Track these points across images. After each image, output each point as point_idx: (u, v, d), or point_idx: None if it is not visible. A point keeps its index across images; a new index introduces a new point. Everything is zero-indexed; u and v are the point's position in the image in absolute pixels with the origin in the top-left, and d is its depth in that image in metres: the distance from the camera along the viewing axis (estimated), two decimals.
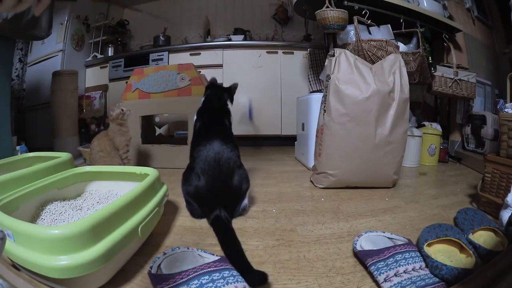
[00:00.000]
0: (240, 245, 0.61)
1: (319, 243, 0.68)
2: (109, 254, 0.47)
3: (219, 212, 0.75)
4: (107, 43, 2.80)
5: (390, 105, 1.07)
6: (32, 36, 1.30)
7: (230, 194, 0.80)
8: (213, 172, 0.78)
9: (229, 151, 0.80)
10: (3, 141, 1.26)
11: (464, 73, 1.68)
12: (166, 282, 0.47)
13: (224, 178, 0.78)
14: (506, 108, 0.91)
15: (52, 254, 0.44)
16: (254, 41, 2.68)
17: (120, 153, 1.20)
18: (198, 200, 0.80)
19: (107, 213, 0.50)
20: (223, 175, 0.78)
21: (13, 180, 0.74)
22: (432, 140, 1.68)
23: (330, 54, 1.13)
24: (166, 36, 2.81)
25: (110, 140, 1.18)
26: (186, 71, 1.58)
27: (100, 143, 1.16)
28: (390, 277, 0.50)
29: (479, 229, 0.66)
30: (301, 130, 1.65)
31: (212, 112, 0.94)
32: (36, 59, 2.43)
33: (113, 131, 1.21)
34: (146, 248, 0.65)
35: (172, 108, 1.60)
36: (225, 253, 0.59)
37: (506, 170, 0.83)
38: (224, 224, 0.72)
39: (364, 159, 1.08)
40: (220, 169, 0.78)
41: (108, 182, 0.86)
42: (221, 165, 0.78)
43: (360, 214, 0.87)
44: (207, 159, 0.78)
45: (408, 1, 1.63)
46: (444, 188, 1.19)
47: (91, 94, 2.63)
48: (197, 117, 0.94)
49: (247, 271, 0.52)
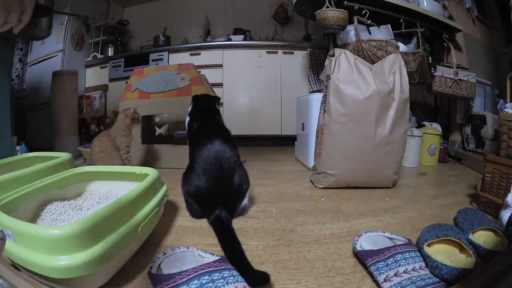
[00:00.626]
0: (240, 245, 0.61)
1: (319, 243, 0.68)
2: (109, 254, 0.47)
3: (219, 212, 0.74)
4: (107, 43, 2.80)
5: (390, 105, 1.07)
6: (32, 36, 1.30)
7: (231, 194, 0.80)
8: (214, 171, 0.77)
9: (229, 150, 0.80)
10: (3, 141, 1.26)
11: (464, 73, 1.68)
12: (166, 282, 0.47)
13: (224, 178, 0.78)
14: (506, 108, 0.91)
15: (52, 254, 0.44)
16: (254, 41, 2.69)
17: (121, 153, 1.20)
18: (198, 200, 0.80)
19: (107, 213, 0.50)
20: (224, 174, 0.78)
21: (13, 180, 0.74)
22: (432, 140, 1.68)
23: (330, 54, 1.13)
24: (166, 36, 2.81)
25: (111, 140, 1.18)
26: (186, 71, 1.58)
27: (101, 143, 1.16)
28: (390, 277, 0.50)
29: (479, 229, 0.66)
30: (301, 130, 1.65)
31: (205, 111, 0.96)
32: (36, 59, 2.44)
33: (117, 130, 1.20)
34: (146, 248, 0.65)
35: (172, 108, 1.60)
36: (225, 253, 0.59)
37: (506, 170, 0.83)
38: (225, 224, 0.72)
39: (364, 159, 1.08)
40: (221, 168, 0.78)
41: (108, 182, 0.86)
42: (222, 164, 0.78)
43: (360, 214, 0.87)
44: (208, 158, 0.78)
45: (408, 1, 1.63)
46: (444, 188, 1.19)
47: (91, 94, 2.63)
48: (191, 118, 0.95)
49: (248, 271, 0.51)
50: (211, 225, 0.75)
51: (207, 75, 2.02)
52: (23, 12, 0.58)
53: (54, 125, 2.05)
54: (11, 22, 0.56)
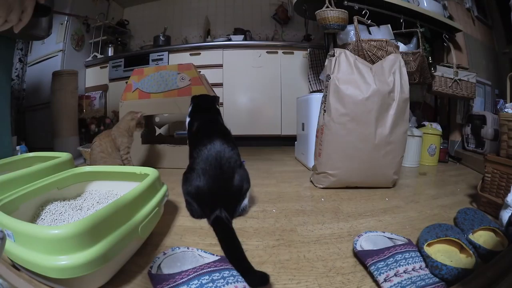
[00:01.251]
0: (240, 245, 0.61)
1: (319, 243, 0.68)
2: (109, 254, 0.47)
3: (219, 212, 0.74)
4: (107, 43, 2.80)
5: (390, 105, 1.07)
6: (32, 36, 1.30)
7: (231, 194, 0.80)
8: (214, 172, 0.77)
9: (229, 150, 0.80)
10: (3, 141, 1.25)
11: (464, 73, 1.68)
12: (166, 282, 0.47)
13: (225, 178, 0.78)
14: (506, 108, 0.91)
15: (52, 254, 0.44)
16: (254, 41, 2.69)
17: (121, 153, 1.20)
18: (198, 200, 0.80)
19: (107, 213, 0.50)
20: (224, 174, 0.78)
21: (13, 180, 0.74)
22: (432, 140, 1.68)
23: (330, 54, 1.13)
24: (166, 36, 2.81)
25: (112, 140, 1.18)
26: (186, 71, 1.58)
27: (101, 143, 1.16)
28: (390, 277, 0.50)
29: (479, 229, 0.66)
30: (301, 130, 1.65)
31: (205, 111, 0.96)
32: (36, 59, 2.44)
33: (119, 130, 1.20)
34: (146, 248, 0.65)
35: (172, 108, 1.60)
36: (225, 253, 0.59)
37: (506, 170, 0.83)
38: (225, 225, 0.72)
39: (364, 159, 1.08)
40: (221, 168, 0.78)
41: (108, 182, 0.86)
42: (222, 165, 0.78)
43: (360, 214, 0.87)
44: (208, 158, 0.78)
45: (408, 1, 1.63)
46: (444, 188, 1.19)
47: (91, 94, 2.63)
48: (191, 118, 0.95)
49: (248, 271, 0.51)
50: (211, 225, 0.75)
51: (207, 75, 2.02)
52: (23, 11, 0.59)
53: (54, 125, 2.05)
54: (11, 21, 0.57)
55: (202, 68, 2.24)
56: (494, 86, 2.01)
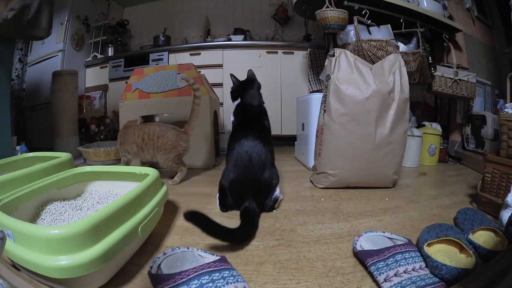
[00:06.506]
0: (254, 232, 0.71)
1: (319, 243, 0.68)
2: (109, 254, 0.47)
3: (248, 203, 0.79)
4: (107, 43, 2.80)
5: (390, 105, 1.07)
6: (32, 36, 1.30)
7: (260, 186, 0.84)
8: (244, 164, 0.83)
9: (261, 146, 0.84)
10: (3, 141, 1.26)
11: (464, 73, 1.68)
12: (166, 282, 0.47)
13: (254, 171, 0.83)
14: (506, 108, 0.91)
15: (52, 254, 0.44)
16: (254, 41, 2.68)
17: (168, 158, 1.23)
18: (231, 191, 0.85)
19: (107, 213, 0.50)
20: (254, 167, 0.83)
21: (13, 180, 0.74)
22: (432, 140, 1.68)
23: (330, 54, 1.13)
24: (166, 36, 2.80)
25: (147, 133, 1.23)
26: (186, 71, 1.58)
27: (139, 133, 1.23)
28: (390, 277, 0.50)
29: (479, 229, 0.66)
30: (301, 130, 1.65)
31: (249, 111, 0.97)
32: (36, 59, 2.43)
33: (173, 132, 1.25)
34: (146, 248, 0.65)
35: (172, 108, 1.60)
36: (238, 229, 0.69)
37: (506, 170, 0.83)
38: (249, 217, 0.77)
39: (364, 159, 1.08)
40: (250, 161, 0.83)
41: (108, 182, 0.86)
42: (252, 158, 0.83)
43: (360, 214, 0.87)
44: (240, 152, 0.84)
45: (408, 1, 1.63)
46: (444, 188, 1.19)
47: (91, 94, 2.63)
48: (235, 117, 0.98)
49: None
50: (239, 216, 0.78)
51: (207, 75, 2.02)
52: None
53: (54, 125, 2.05)
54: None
55: (202, 68, 2.24)
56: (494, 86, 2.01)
